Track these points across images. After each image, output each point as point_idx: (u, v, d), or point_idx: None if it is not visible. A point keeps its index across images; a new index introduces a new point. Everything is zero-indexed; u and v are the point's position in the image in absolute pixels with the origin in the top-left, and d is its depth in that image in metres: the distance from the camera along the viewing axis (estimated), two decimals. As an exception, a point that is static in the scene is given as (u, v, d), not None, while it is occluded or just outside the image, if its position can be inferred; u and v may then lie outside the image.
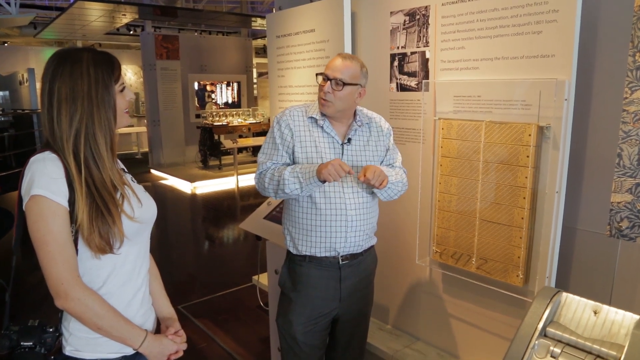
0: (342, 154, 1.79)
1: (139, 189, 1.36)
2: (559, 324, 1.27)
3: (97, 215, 1.18)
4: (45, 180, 1.14)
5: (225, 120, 9.68)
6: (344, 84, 1.71)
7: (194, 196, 8.09)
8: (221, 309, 3.73)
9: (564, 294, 1.33)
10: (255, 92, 11.94)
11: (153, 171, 9.83)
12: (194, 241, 5.97)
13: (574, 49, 1.69)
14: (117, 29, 10.63)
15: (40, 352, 1.20)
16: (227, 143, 8.64)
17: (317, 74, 1.79)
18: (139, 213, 1.28)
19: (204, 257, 5.32)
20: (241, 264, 4.82)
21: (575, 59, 1.70)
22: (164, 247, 5.32)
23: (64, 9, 8.72)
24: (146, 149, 10.99)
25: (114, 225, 1.20)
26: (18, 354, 1.19)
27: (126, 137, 12.08)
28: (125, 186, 1.29)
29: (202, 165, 9.67)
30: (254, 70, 12.02)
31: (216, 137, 9.49)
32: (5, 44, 12.88)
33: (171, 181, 9.07)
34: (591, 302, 1.28)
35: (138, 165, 10.47)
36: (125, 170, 1.40)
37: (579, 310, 1.29)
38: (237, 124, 9.68)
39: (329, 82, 1.72)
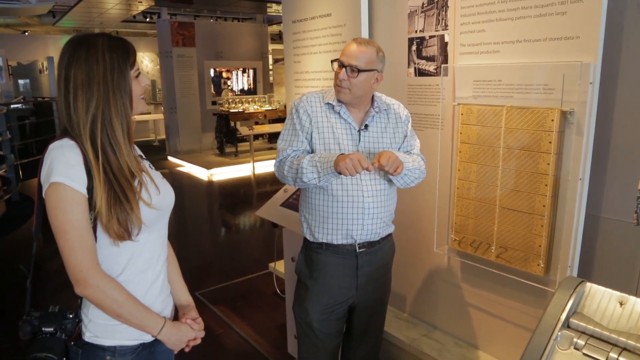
0: (359, 140, 1.76)
1: (157, 175, 1.36)
2: (583, 315, 1.24)
3: (115, 202, 1.18)
4: (64, 167, 1.15)
5: (242, 107, 9.68)
6: (360, 70, 1.67)
7: (210, 183, 8.14)
8: (238, 295, 3.76)
9: (588, 284, 1.29)
10: (271, 78, 11.90)
11: (170, 158, 9.91)
12: (211, 228, 6.02)
13: (601, 30, 1.63)
14: (134, 17, 10.67)
15: (61, 338, 1.22)
16: (243, 130, 8.64)
17: (332, 61, 1.75)
18: (156, 200, 1.27)
19: (220, 243, 5.36)
20: (257, 251, 4.85)
21: (601, 40, 1.63)
22: (181, 234, 5.37)
23: (81, -3, 8.76)
24: (163, 136, 11.07)
25: (132, 212, 1.20)
26: (40, 339, 1.21)
27: (143, 125, 12.19)
28: (143, 173, 1.28)
29: (219, 152, 9.71)
30: (270, 57, 11.96)
31: (232, 124, 9.50)
32: (26, 33, 13.04)
33: (188, 168, 9.14)
34: (617, 293, 1.24)
35: (155, 153, 10.56)
36: (143, 156, 1.40)
37: (604, 301, 1.25)
38: (253, 110, 9.67)
39: (344, 69, 1.69)
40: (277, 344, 3.02)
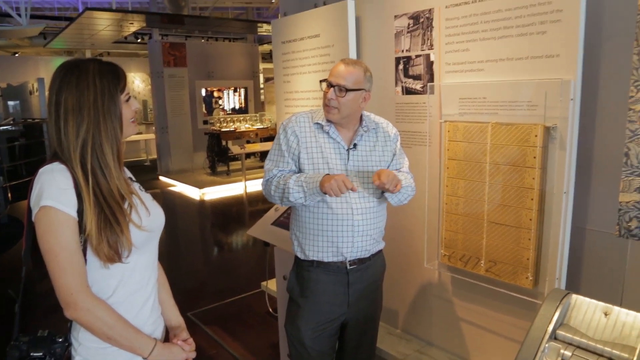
0: (348, 159, 1.79)
1: (147, 197, 1.37)
2: (569, 326, 1.26)
3: (105, 225, 1.19)
4: (54, 191, 1.16)
5: (233, 126, 9.72)
6: (347, 90, 1.71)
7: (202, 202, 8.13)
8: (230, 315, 3.73)
9: (574, 296, 1.31)
10: (262, 97, 11.99)
11: (162, 178, 9.90)
12: (203, 247, 5.99)
13: (579, 49, 1.68)
14: (125, 38, 10.74)
15: (50, 362, 1.22)
16: (234, 149, 8.67)
17: (320, 81, 1.79)
18: (147, 222, 1.28)
19: (212, 263, 5.33)
20: (250, 270, 4.83)
21: (580, 58, 1.69)
22: (173, 254, 5.34)
23: (72, 19, 8.83)
24: (154, 156, 11.07)
25: (122, 234, 1.21)
26: (28, 364, 1.20)
27: (135, 144, 12.18)
28: (133, 195, 1.30)
29: (210, 172, 9.71)
30: (261, 76, 12.07)
31: (224, 143, 9.53)
32: (16, 55, 13.07)
33: (180, 188, 9.12)
34: (601, 304, 1.27)
35: (147, 172, 10.54)
36: (133, 178, 1.41)
37: (589, 312, 1.28)
38: (244, 129, 9.71)
39: (332, 88, 1.72)
40: (270, 363, 3.00)
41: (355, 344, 1.94)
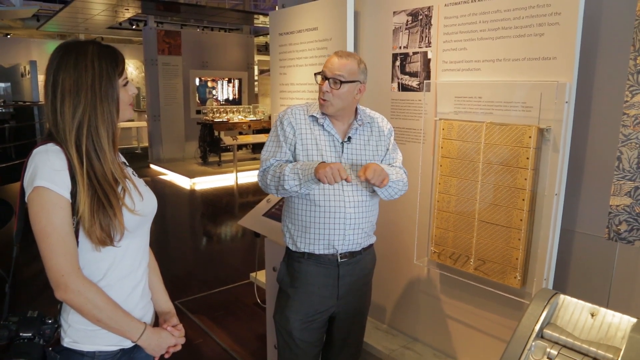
0: (342, 152, 1.80)
1: (140, 182, 1.37)
2: (556, 325, 1.28)
3: (98, 208, 1.18)
4: (48, 171, 1.15)
5: (226, 117, 9.68)
6: (342, 82, 1.71)
7: (192, 192, 8.10)
8: (218, 305, 3.73)
9: (562, 296, 1.33)
10: (256, 89, 11.94)
11: (152, 166, 9.83)
12: (192, 237, 5.98)
13: (576, 52, 1.69)
14: (120, 24, 10.64)
15: (39, 343, 1.21)
16: (227, 140, 8.64)
17: (315, 74, 1.79)
18: (139, 206, 1.28)
19: (201, 253, 5.32)
20: (239, 260, 4.83)
21: (576, 61, 1.70)
22: (162, 242, 5.32)
23: (67, 2, 8.71)
24: (146, 144, 10.99)
25: (114, 217, 1.20)
26: (17, 344, 1.19)
27: (126, 132, 12.08)
28: (127, 180, 1.29)
29: (202, 162, 9.67)
30: (255, 68, 12.02)
31: (216, 133, 9.49)
32: (8, 36, 12.86)
33: (170, 176, 9.08)
34: (588, 305, 1.29)
35: (138, 160, 10.46)
36: (127, 163, 1.40)
37: (576, 312, 1.29)
38: (237, 120, 9.68)
39: (327, 81, 1.73)
40: (257, 354, 3.01)
41: (343, 337, 1.95)
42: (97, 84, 1.21)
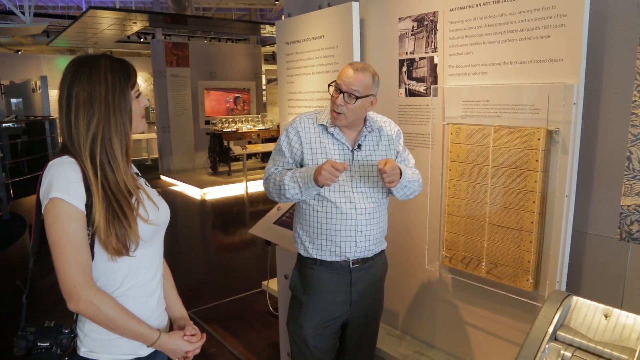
0: (352, 159, 1.81)
1: (153, 192, 1.39)
2: (569, 327, 1.27)
3: (113, 218, 1.20)
4: (64, 183, 1.17)
5: (235, 127, 9.74)
6: (357, 97, 1.72)
7: (203, 202, 8.14)
8: (231, 314, 3.75)
9: (574, 298, 1.33)
10: (264, 98, 12.02)
11: (163, 177, 9.91)
12: (204, 247, 6.01)
13: (582, 53, 1.69)
14: (128, 37, 10.78)
15: (56, 353, 1.22)
16: (236, 149, 8.69)
17: (329, 85, 1.79)
18: (154, 216, 1.30)
19: (213, 262, 5.34)
20: (250, 269, 4.84)
21: (583, 62, 1.70)
22: (174, 253, 5.35)
23: (76, 18, 8.86)
24: (156, 155, 11.09)
25: (130, 228, 1.22)
26: (35, 354, 1.21)
27: (136, 144, 12.20)
28: (140, 190, 1.31)
29: (212, 172, 9.73)
30: (263, 77, 12.10)
31: (225, 143, 9.55)
32: (19, 52, 13.10)
33: (181, 187, 9.14)
34: (602, 306, 1.28)
35: (148, 172, 10.54)
36: (139, 174, 1.43)
37: (589, 314, 1.29)
38: (246, 130, 9.73)
39: (341, 95, 1.72)
40: (270, 362, 3.01)
41: (355, 343, 1.95)
42: (110, 97, 1.23)
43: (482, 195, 2.02)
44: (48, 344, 1.22)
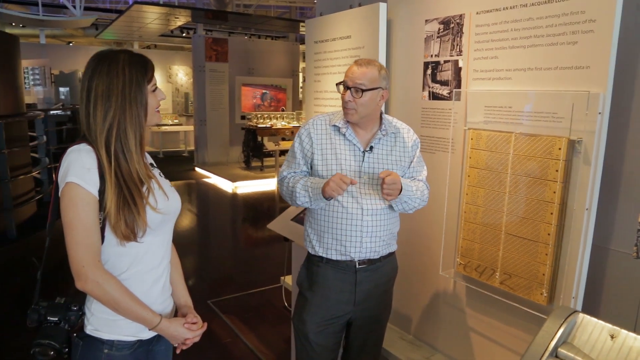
0: (363, 161, 1.80)
1: (166, 183, 1.43)
2: (572, 345, 1.23)
3: (124, 205, 1.26)
4: (79, 169, 1.23)
5: (269, 123, 9.86)
6: (363, 90, 1.73)
7: (234, 195, 8.28)
8: (249, 307, 3.80)
9: (581, 315, 1.28)
10: (300, 96, 12.10)
11: (197, 169, 10.15)
12: (232, 239, 6.11)
13: (611, 61, 1.63)
14: (171, 31, 11.09)
15: (64, 328, 1.30)
16: (269, 145, 8.79)
17: (337, 84, 1.81)
18: (163, 205, 1.35)
19: (239, 255, 5.43)
20: (274, 264, 4.90)
21: (611, 71, 1.63)
22: (203, 243, 5.48)
23: (122, 12, 9.19)
24: (192, 148, 11.37)
25: (138, 215, 1.27)
26: (44, 327, 1.28)
27: (174, 135, 12.54)
28: (152, 180, 1.36)
29: (245, 166, 9.89)
30: (300, 75, 12.18)
31: (259, 138, 9.68)
32: (70, 44, 13.71)
33: (214, 180, 9.33)
34: (609, 326, 1.23)
35: (184, 163, 10.83)
36: (154, 165, 1.48)
37: (595, 332, 1.24)
38: (280, 126, 9.83)
39: (348, 91, 1.74)
40: (283, 356, 3.04)
41: (359, 344, 1.95)
42: (127, 89, 1.29)
43: (500, 204, 1.98)
44: (57, 319, 1.29)
